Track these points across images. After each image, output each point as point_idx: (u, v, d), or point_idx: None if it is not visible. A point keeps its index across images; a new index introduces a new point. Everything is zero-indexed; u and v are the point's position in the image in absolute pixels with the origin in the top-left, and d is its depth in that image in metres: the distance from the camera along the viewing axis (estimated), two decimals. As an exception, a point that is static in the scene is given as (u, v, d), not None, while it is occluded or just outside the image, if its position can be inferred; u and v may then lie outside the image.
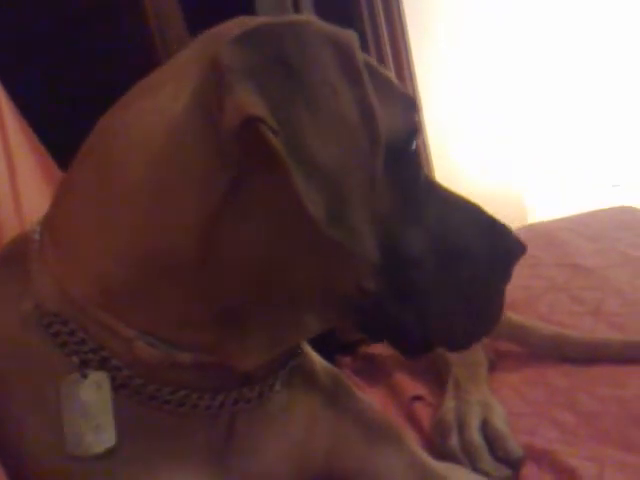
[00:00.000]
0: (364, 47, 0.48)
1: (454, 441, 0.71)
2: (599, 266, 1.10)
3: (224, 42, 0.42)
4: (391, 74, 0.54)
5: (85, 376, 0.47)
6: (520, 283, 1.02)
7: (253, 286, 0.46)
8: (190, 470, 0.50)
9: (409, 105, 0.53)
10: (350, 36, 0.47)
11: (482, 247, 0.54)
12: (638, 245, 1.16)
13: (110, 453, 0.47)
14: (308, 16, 0.49)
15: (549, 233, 1.31)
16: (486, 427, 0.72)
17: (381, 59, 2.01)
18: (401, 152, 0.50)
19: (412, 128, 0.52)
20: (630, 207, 1.44)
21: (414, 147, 0.53)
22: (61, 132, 0.78)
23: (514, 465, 0.67)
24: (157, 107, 0.45)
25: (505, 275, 0.56)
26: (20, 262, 0.51)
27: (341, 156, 0.43)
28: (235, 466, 0.52)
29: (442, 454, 0.69)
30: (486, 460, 0.68)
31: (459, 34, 2.21)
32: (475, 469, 0.67)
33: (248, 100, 0.40)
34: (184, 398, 0.49)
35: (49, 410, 0.47)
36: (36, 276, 0.50)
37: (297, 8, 1.73)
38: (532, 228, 1.47)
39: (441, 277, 0.52)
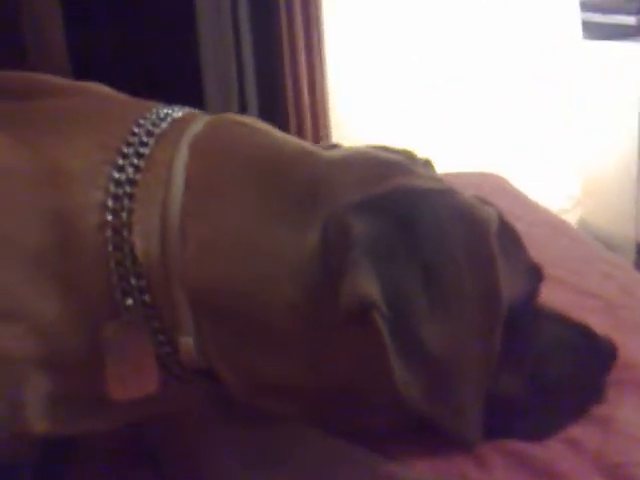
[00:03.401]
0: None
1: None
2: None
3: (352, 205, 0.43)
4: (521, 239, 0.54)
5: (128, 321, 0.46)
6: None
7: (331, 389, 0.47)
8: None
9: (535, 274, 0.55)
10: (487, 215, 0.46)
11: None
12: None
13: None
14: (446, 185, 0.48)
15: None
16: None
17: (291, 22, 1.98)
18: (518, 311, 0.50)
19: (533, 293, 0.55)
20: (494, 174, 1.51)
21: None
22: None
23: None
24: (284, 242, 0.45)
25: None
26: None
27: (456, 339, 0.42)
28: None
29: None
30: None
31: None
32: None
33: (366, 285, 0.41)
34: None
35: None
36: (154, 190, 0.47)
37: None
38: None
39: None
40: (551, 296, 0.82)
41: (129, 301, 0.46)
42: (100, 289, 0.46)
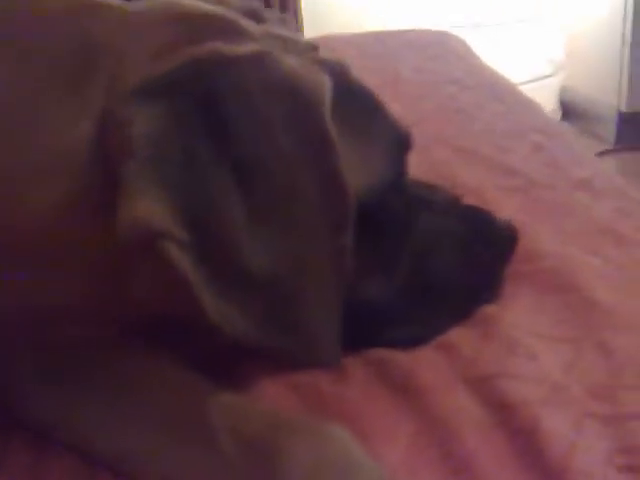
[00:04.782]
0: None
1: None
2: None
3: (136, 89, 0.32)
4: (380, 98, 0.44)
5: None
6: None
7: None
8: None
9: (400, 142, 0.44)
10: (315, 83, 0.35)
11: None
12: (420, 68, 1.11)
13: None
14: (269, 47, 0.36)
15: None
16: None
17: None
18: (378, 199, 0.42)
19: (400, 170, 0.45)
20: (446, 32, 1.38)
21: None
22: None
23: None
24: (44, 130, 0.35)
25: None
26: None
27: (290, 252, 0.33)
28: None
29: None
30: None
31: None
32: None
33: (148, 209, 0.31)
34: None
35: None
36: None
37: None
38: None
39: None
40: (461, 174, 0.75)
41: None
42: None
